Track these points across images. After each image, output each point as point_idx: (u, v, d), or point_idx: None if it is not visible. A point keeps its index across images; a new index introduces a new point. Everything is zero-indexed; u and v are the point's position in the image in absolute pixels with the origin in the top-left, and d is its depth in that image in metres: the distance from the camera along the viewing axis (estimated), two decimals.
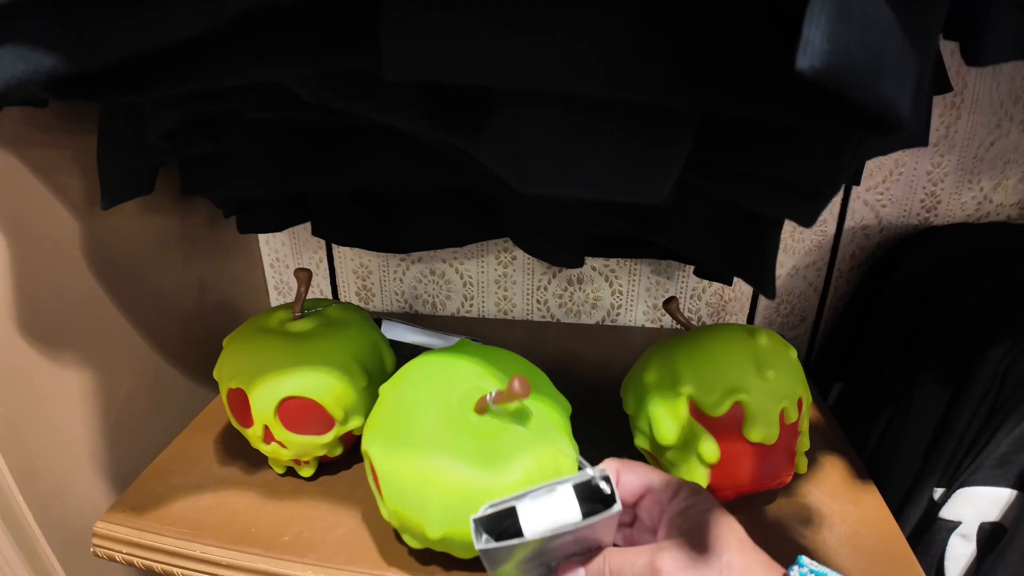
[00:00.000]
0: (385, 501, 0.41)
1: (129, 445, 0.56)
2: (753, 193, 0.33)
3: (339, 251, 0.82)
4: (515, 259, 0.79)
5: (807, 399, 0.48)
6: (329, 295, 0.85)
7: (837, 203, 0.70)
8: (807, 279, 0.75)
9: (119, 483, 0.54)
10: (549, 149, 0.27)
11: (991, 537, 0.47)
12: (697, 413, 0.45)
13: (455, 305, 0.83)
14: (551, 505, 0.31)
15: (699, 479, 0.44)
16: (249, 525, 0.48)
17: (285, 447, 0.48)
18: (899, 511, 0.51)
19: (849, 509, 0.49)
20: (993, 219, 0.71)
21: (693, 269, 0.72)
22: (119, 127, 0.46)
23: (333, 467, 0.53)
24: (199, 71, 0.30)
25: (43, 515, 0.47)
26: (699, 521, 0.31)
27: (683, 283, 0.78)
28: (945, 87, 0.47)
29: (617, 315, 0.81)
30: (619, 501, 0.31)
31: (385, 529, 0.47)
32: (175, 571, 0.46)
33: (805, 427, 0.48)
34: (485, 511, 0.32)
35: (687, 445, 0.45)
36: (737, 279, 0.70)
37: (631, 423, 0.50)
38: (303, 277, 0.52)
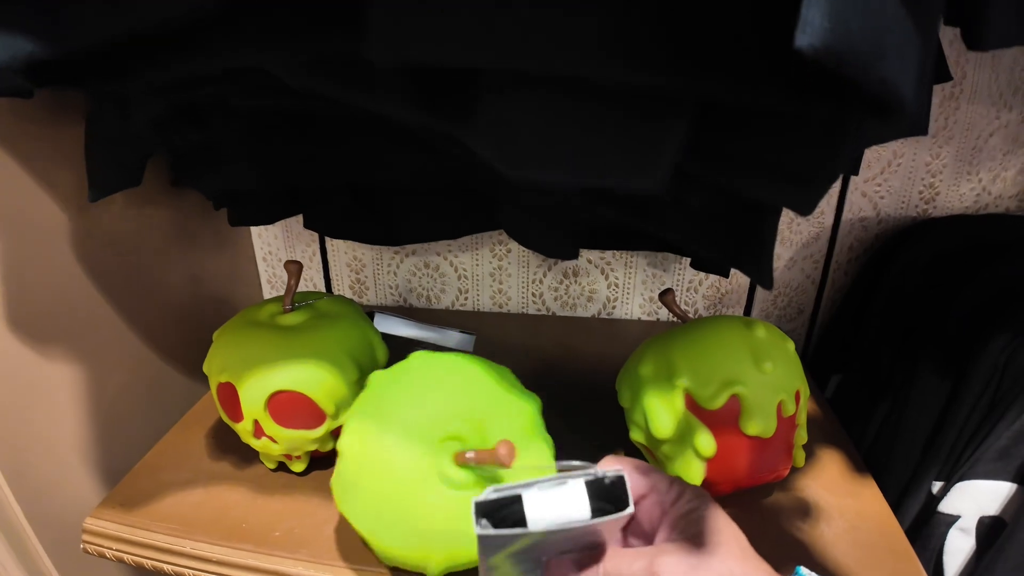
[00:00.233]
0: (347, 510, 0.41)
1: (120, 441, 0.55)
2: (751, 180, 0.32)
3: (332, 244, 0.81)
4: (510, 252, 0.78)
5: (805, 392, 0.47)
6: (323, 289, 0.85)
7: (835, 195, 0.70)
8: (805, 271, 0.75)
9: (109, 479, 0.54)
10: (536, 132, 0.26)
11: (991, 531, 0.46)
12: (693, 406, 0.44)
13: (450, 298, 0.83)
14: (560, 498, 0.30)
15: (695, 473, 0.44)
16: (240, 521, 0.47)
17: (276, 442, 0.48)
18: (897, 505, 0.51)
19: (847, 503, 0.48)
20: (992, 211, 0.70)
21: (690, 261, 0.71)
22: (107, 117, 0.45)
23: (324, 462, 0.53)
24: (181, 56, 0.30)
25: (33, 511, 0.46)
26: (702, 527, 0.30)
27: (679, 275, 0.77)
28: (945, 76, 0.46)
29: (613, 308, 0.80)
30: (632, 504, 0.30)
31: None
32: (165, 567, 0.46)
33: (803, 420, 0.48)
34: (488, 495, 0.30)
35: (683, 438, 0.45)
36: (734, 271, 0.70)
37: (627, 416, 0.50)
38: (293, 270, 0.51)
